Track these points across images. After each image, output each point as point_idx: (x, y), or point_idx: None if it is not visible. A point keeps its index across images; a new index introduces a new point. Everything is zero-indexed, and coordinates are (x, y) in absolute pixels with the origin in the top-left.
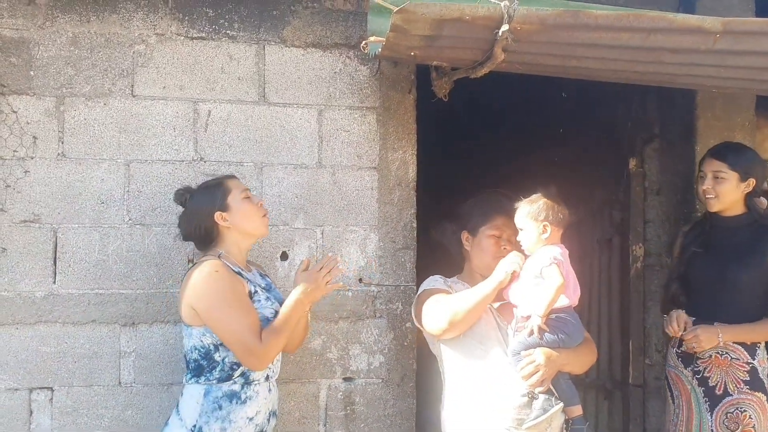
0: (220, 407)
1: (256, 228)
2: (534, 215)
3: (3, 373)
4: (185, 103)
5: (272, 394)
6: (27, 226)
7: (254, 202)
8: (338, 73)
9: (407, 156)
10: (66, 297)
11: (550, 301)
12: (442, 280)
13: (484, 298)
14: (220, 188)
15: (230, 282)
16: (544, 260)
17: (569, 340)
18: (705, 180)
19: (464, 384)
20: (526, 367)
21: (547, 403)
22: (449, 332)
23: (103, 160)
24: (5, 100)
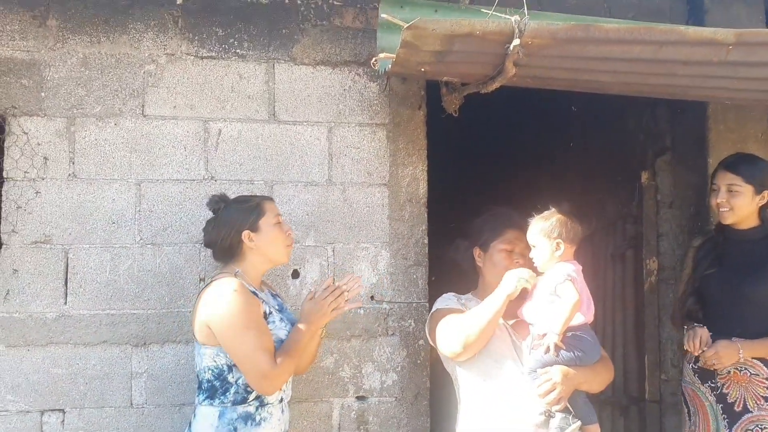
0: (235, 429)
1: (279, 255)
2: (547, 232)
3: (14, 395)
4: (196, 122)
5: (285, 415)
6: (38, 247)
7: (284, 230)
8: (348, 90)
9: (418, 172)
10: (77, 318)
11: (566, 318)
12: (455, 298)
13: (495, 313)
14: (256, 209)
15: (248, 303)
16: (558, 277)
17: (586, 357)
18: (719, 193)
19: (479, 402)
20: (542, 385)
21: (564, 421)
22: (464, 355)
23: (114, 180)
24: (16, 122)
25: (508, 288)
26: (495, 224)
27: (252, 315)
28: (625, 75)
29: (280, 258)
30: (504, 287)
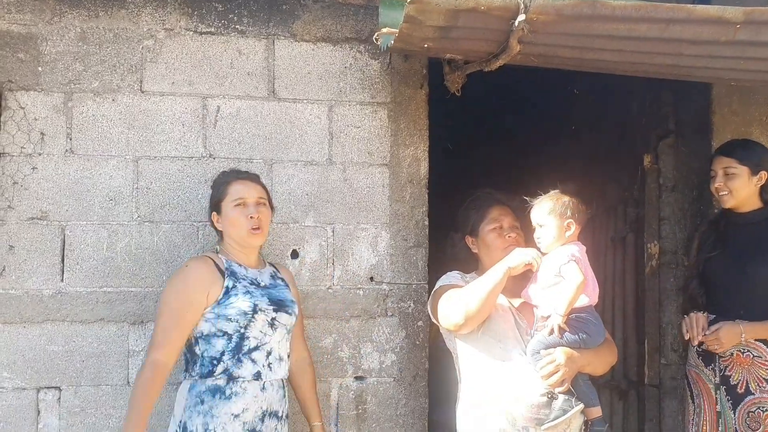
0: (202, 401)
1: (240, 238)
2: (559, 212)
3: (10, 372)
4: (194, 99)
5: (268, 393)
6: (35, 223)
7: (245, 213)
8: (349, 68)
9: (419, 152)
10: (74, 295)
11: (570, 299)
12: (459, 275)
13: (496, 284)
14: (219, 189)
15: (190, 286)
16: (563, 258)
17: (590, 340)
18: (716, 178)
19: (481, 382)
20: (545, 367)
21: (567, 403)
22: (465, 327)
23: (111, 156)
24: (13, 96)
25: (511, 261)
26: (478, 207)
27: (185, 300)
28: (630, 54)
29: (242, 241)
30: (507, 260)
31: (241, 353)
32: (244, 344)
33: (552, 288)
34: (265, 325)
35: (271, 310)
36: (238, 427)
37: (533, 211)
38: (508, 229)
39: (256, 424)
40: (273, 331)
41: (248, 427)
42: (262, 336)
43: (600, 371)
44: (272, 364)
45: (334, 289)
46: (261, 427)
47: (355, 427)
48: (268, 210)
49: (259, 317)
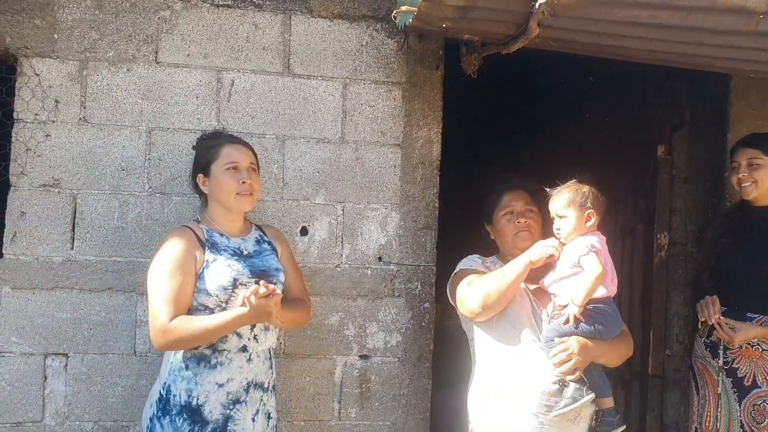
0: (186, 367)
1: (228, 203)
2: (579, 203)
3: (18, 337)
4: (209, 72)
5: (254, 365)
6: (46, 191)
7: (237, 178)
8: (365, 46)
9: (432, 134)
10: (84, 263)
11: (588, 290)
12: (480, 260)
13: (516, 277)
14: (210, 151)
15: (176, 254)
16: (582, 249)
17: (606, 331)
18: (740, 168)
19: (494, 367)
20: (558, 354)
21: (577, 392)
22: (483, 315)
23: (124, 126)
24: (28, 62)
25: (533, 254)
26: (492, 195)
27: (174, 266)
28: (650, 42)
29: (230, 206)
30: (528, 253)
31: None
32: None
33: (570, 278)
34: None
35: (252, 282)
36: (222, 397)
37: (552, 201)
38: (519, 214)
39: (241, 394)
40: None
41: (232, 396)
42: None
43: (614, 363)
44: (258, 335)
45: (342, 267)
46: (246, 397)
47: (358, 405)
48: (258, 177)
49: (239, 291)
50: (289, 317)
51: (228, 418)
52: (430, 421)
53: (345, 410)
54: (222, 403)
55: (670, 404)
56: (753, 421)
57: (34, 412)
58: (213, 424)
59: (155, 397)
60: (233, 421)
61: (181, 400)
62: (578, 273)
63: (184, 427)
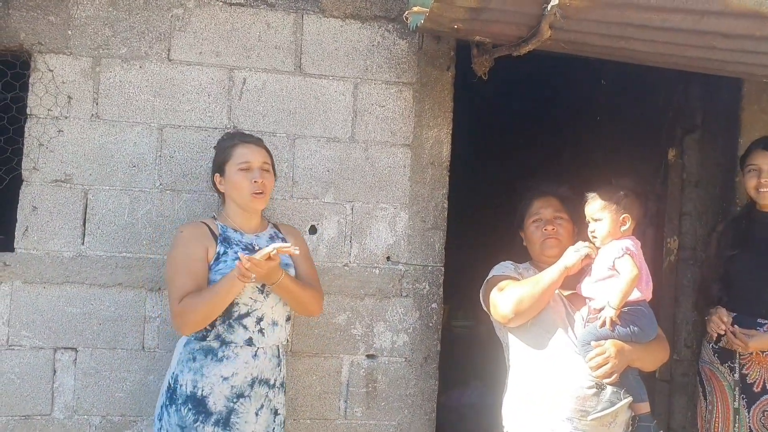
0: (194, 359)
1: (242, 201)
2: (614, 207)
3: (29, 331)
4: (221, 70)
5: (260, 361)
6: (58, 186)
7: (249, 178)
8: (376, 47)
9: (442, 135)
10: (94, 259)
11: (624, 292)
12: (513, 266)
13: (551, 284)
14: (224, 151)
15: (186, 244)
16: (617, 252)
17: (642, 334)
18: (761, 173)
19: (527, 372)
20: (595, 358)
21: (615, 396)
22: (515, 321)
23: (136, 123)
24: (42, 58)
25: (568, 260)
26: (523, 201)
27: (183, 258)
28: (662, 45)
29: (244, 205)
30: (563, 259)
31: (232, 319)
32: (234, 310)
33: (606, 281)
34: (254, 291)
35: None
36: (226, 390)
37: (588, 205)
38: (547, 221)
39: (245, 389)
40: (264, 297)
41: (236, 390)
42: (252, 302)
43: (650, 367)
44: (264, 329)
45: (350, 266)
46: (250, 392)
47: (365, 404)
48: (271, 176)
49: (247, 284)
50: (294, 290)
51: (231, 410)
52: (436, 421)
53: (351, 409)
54: (226, 396)
55: (677, 409)
56: (762, 427)
57: (43, 406)
58: (216, 416)
59: (165, 386)
60: (236, 414)
61: (187, 390)
62: (613, 276)
63: (189, 416)
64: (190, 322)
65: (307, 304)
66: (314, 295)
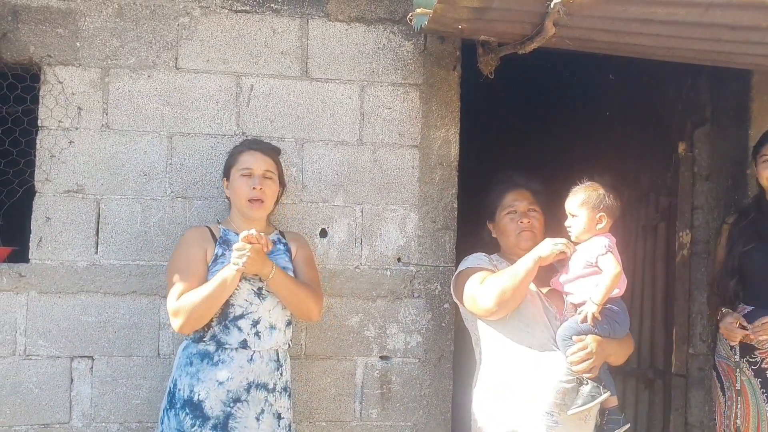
0: (191, 363)
1: (240, 207)
2: (592, 204)
3: (45, 341)
4: (228, 77)
5: (255, 365)
6: (71, 196)
7: (249, 184)
8: (382, 49)
9: (450, 135)
10: (108, 267)
11: (607, 289)
12: (487, 257)
13: (527, 273)
14: (232, 157)
15: (186, 246)
16: (599, 249)
17: (620, 329)
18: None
19: (503, 366)
20: (577, 353)
21: (595, 390)
22: (498, 313)
23: (146, 132)
24: (51, 71)
25: (542, 251)
26: (496, 193)
27: (182, 260)
28: (668, 39)
29: (242, 210)
30: (538, 249)
31: (227, 320)
32: (229, 311)
33: (586, 277)
34: (250, 294)
35: (257, 279)
36: (222, 394)
37: (568, 200)
38: (522, 213)
39: (241, 393)
40: (261, 300)
41: (232, 395)
42: (248, 305)
43: (620, 361)
44: (261, 333)
45: (361, 268)
46: (247, 396)
47: (380, 406)
48: (274, 184)
49: (243, 286)
50: (288, 286)
51: (229, 415)
52: (451, 421)
53: (366, 411)
54: (222, 400)
55: (694, 403)
56: None
57: (62, 414)
58: (214, 420)
59: (167, 390)
60: (234, 419)
61: (184, 395)
62: (594, 273)
63: (186, 420)
64: (185, 319)
65: (302, 303)
66: (310, 294)
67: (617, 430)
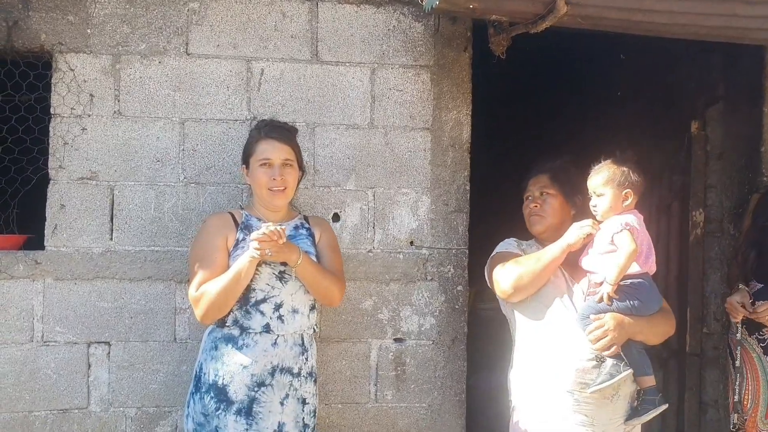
0: (216, 347)
1: (260, 196)
2: (617, 182)
3: (62, 327)
4: (239, 62)
5: (279, 349)
6: (84, 183)
7: (269, 174)
8: (392, 31)
9: (461, 116)
10: (123, 254)
11: (621, 267)
12: (516, 243)
13: (552, 261)
14: (250, 146)
15: (206, 234)
16: (616, 227)
17: (643, 307)
18: None
19: (531, 346)
20: (594, 331)
21: (614, 368)
22: (514, 296)
23: (158, 118)
24: (63, 58)
25: (570, 238)
26: (523, 183)
27: (204, 245)
28: (681, 15)
29: (262, 199)
30: (566, 237)
31: (249, 305)
32: (251, 296)
33: (606, 255)
34: (272, 278)
35: (278, 263)
36: (247, 378)
37: (591, 178)
38: (531, 199)
39: (266, 377)
40: (283, 284)
41: (256, 379)
42: (270, 289)
43: (654, 340)
44: (284, 316)
45: (374, 252)
46: (271, 381)
47: (394, 387)
48: (294, 171)
49: (263, 270)
50: (315, 274)
51: (253, 399)
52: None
53: (381, 393)
54: (246, 384)
55: (709, 382)
56: None
57: (80, 399)
58: (238, 404)
59: (193, 374)
60: (258, 403)
61: (209, 379)
62: (613, 251)
63: (211, 404)
64: (205, 309)
65: (327, 290)
66: (335, 282)
67: (652, 410)
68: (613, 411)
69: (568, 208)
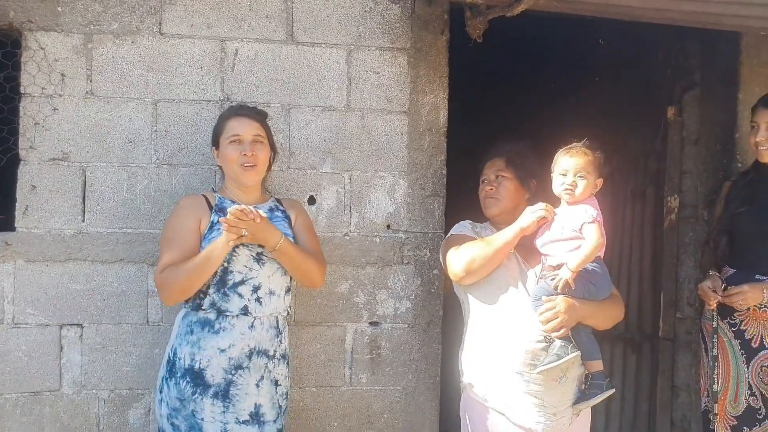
0: (191, 332)
1: (233, 174)
2: (596, 168)
3: (34, 309)
4: (212, 42)
5: (256, 332)
6: (56, 164)
7: (239, 150)
8: (369, 12)
9: (438, 100)
10: (95, 235)
11: (586, 257)
12: (471, 225)
13: (504, 245)
14: (219, 125)
15: (179, 216)
16: (585, 217)
17: (595, 291)
18: (759, 131)
19: (482, 328)
20: (545, 313)
21: (562, 350)
22: (466, 279)
23: (131, 99)
24: (33, 36)
25: (524, 222)
26: (480, 162)
27: (175, 228)
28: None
29: (235, 178)
30: (520, 221)
31: (226, 287)
32: (228, 278)
33: (566, 241)
34: (249, 259)
35: (256, 245)
36: (224, 362)
37: (571, 158)
38: (487, 182)
39: (243, 360)
40: (260, 266)
41: (234, 362)
42: (247, 270)
43: (603, 325)
44: (261, 298)
45: (350, 236)
46: (248, 363)
47: (369, 370)
48: (266, 148)
49: (241, 252)
50: (295, 256)
51: (230, 382)
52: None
53: (356, 376)
54: (224, 368)
55: (681, 366)
56: (761, 383)
57: (52, 382)
58: (215, 388)
59: (165, 358)
60: (235, 386)
61: (185, 364)
62: (575, 238)
63: (187, 389)
64: (169, 292)
65: (308, 272)
66: (316, 263)
67: (600, 394)
68: (562, 393)
69: (522, 191)
